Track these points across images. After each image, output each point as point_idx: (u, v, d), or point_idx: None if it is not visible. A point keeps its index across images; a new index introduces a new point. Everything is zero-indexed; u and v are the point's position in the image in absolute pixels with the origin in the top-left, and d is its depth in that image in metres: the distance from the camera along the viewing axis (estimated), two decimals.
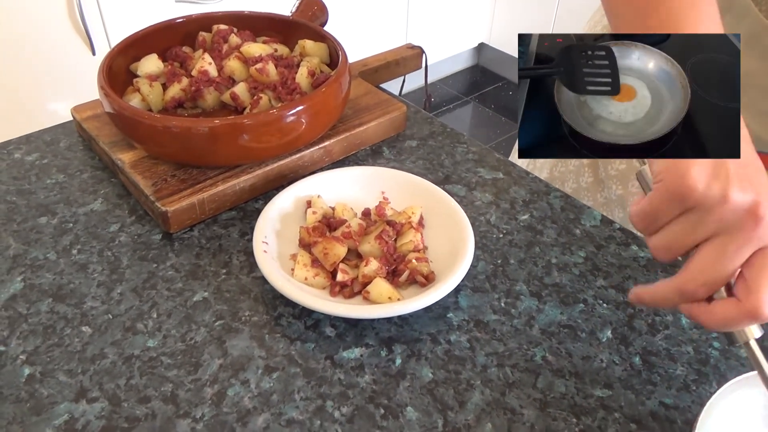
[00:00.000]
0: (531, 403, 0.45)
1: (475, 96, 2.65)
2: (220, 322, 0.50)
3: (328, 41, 0.71)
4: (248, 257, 0.56)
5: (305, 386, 0.46)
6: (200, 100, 0.66)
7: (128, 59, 0.68)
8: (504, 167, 0.69)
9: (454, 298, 0.53)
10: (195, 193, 0.58)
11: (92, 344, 0.48)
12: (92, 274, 0.53)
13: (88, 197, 0.61)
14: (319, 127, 0.64)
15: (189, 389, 0.45)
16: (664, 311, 0.53)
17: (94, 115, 0.67)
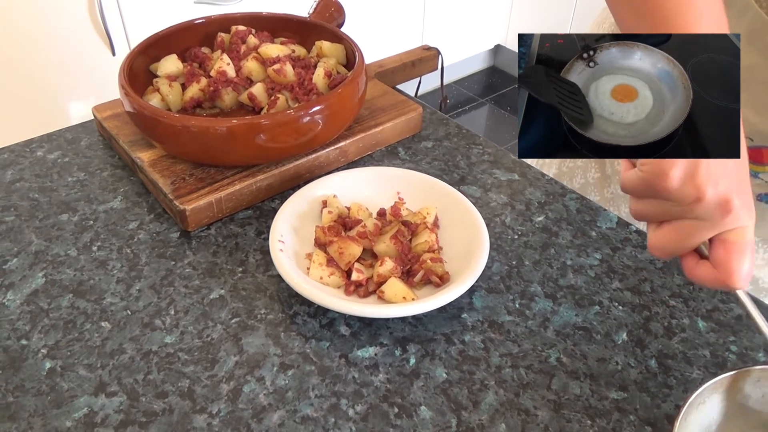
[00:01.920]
0: (545, 405, 0.45)
1: (491, 98, 2.65)
2: (236, 320, 0.51)
3: (345, 42, 0.72)
4: (264, 256, 0.56)
5: (320, 384, 0.46)
6: (218, 100, 0.67)
7: (148, 59, 0.69)
8: (519, 169, 0.69)
9: (469, 298, 0.53)
10: (212, 192, 0.59)
11: (111, 339, 0.49)
12: (112, 270, 0.54)
13: (108, 195, 0.62)
14: (335, 128, 0.64)
15: (205, 385, 0.46)
16: (680, 314, 0.52)
17: (114, 114, 0.69)
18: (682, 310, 0.53)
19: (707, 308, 0.53)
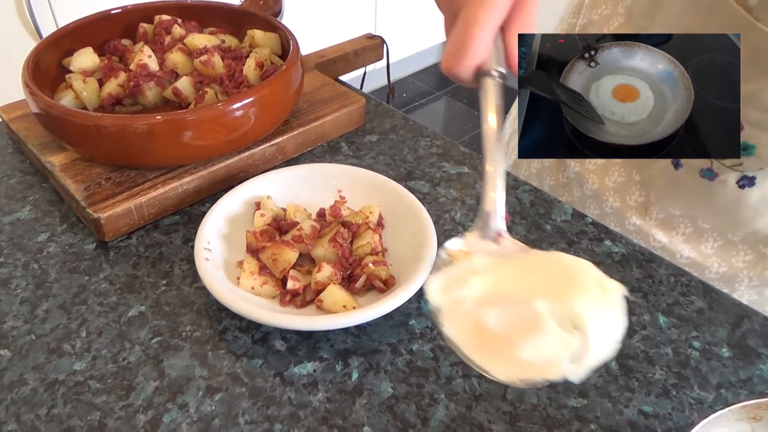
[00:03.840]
0: (500, 417, 0.42)
1: (446, 90, 2.62)
2: (158, 339, 0.45)
3: (280, 31, 0.66)
4: (192, 266, 0.51)
5: (251, 408, 0.41)
6: (140, 96, 0.61)
7: (60, 53, 0.63)
8: (470, 161, 0.65)
9: (417, 303, 0.49)
10: (132, 197, 0.53)
11: (11, 369, 0.43)
12: (15, 290, 0.48)
13: (15, 204, 0.56)
14: (269, 123, 0.59)
15: (119, 417, 0.40)
16: (640, 310, 0.49)
17: (24, 114, 0.62)
18: (642, 305, 0.50)
19: (668, 302, 0.50)
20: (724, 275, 0.62)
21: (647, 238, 0.63)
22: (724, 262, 0.61)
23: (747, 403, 0.35)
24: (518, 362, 0.32)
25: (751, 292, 0.62)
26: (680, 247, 0.62)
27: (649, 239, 0.63)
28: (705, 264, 0.62)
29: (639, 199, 0.64)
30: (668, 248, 0.63)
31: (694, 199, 0.59)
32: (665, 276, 0.52)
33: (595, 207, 0.68)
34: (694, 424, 0.41)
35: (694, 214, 0.60)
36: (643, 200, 0.63)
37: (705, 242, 0.61)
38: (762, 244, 0.59)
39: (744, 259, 0.61)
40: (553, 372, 0.31)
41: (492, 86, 0.39)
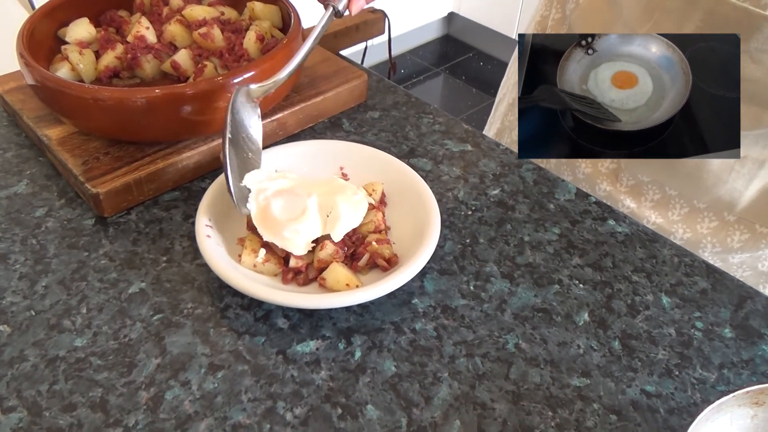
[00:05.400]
0: (503, 396, 0.42)
1: (445, 67, 2.59)
2: (159, 316, 0.45)
3: (280, 3, 0.65)
4: (192, 242, 0.50)
5: (254, 386, 0.41)
6: (138, 69, 0.60)
7: (55, 24, 0.61)
8: (473, 139, 0.64)
9: (419, 282, 0.49)
10: (131, 172, 0.52)
11: (11, 345, 0.42)
12: (13, 265, 0.48)
13: (11, 179, 0.55)
14: (270, 98, 0.58)
15: (121, 394, 0.40)
16: (644, 291, 0.49)
17: (19, 86, 0.61)
18: (645, 285, 0.50)
19: (671, 282, 0.50)
20: (688, 241, 0.63)
21: (616, 204, 0.65)
22: (689, 228, 0.62)
23: (751, 389, 0.35)
24: (281, 238, 0.46)
25: (715, 258, 0.63)
26: (647, 213, 0.64)
27: (618, 205, 0.65)
28: (670, 230, 0.63)
29: (611, 166, 0.65)
30: (636, 213, 0.64)
31: (659, 164, 0.61)
32: (669, 256, 0.52)
33: (569, 173, 0.69)
34: (697, 404, 0.42)
35: (661, 180, 0.62)
36: (615, 167, 0.64)
37: (672, 209, 0.63)
38: (726, 211, 0.60)
39: (708, 226, 0.62)
40: (296, 248, 0.46)
41: (325, 17, 0.52)
